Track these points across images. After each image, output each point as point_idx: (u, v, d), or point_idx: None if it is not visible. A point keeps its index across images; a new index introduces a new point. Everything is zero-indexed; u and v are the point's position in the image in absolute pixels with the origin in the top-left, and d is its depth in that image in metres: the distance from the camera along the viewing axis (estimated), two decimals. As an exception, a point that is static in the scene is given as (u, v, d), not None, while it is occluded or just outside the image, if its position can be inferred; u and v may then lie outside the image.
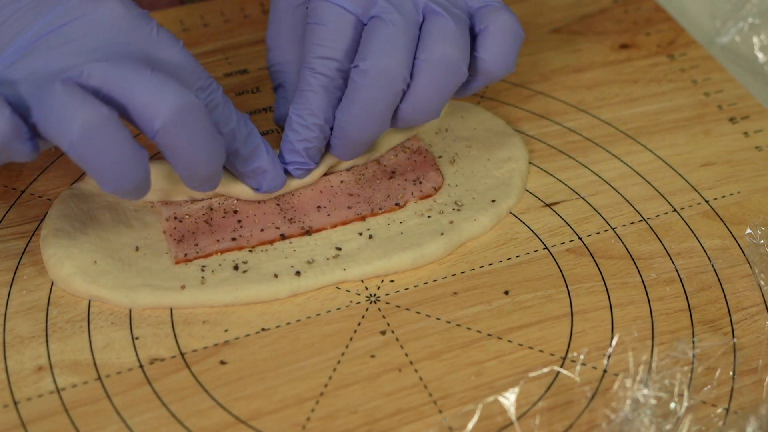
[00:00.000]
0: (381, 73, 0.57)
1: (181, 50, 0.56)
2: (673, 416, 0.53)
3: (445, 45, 0.58)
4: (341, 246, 0.60)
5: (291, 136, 0.60)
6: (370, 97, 0.58)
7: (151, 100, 0.52)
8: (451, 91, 0.59)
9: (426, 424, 0.53)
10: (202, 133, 0.53)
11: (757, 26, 0.78)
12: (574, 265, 0.61)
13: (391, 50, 0.57)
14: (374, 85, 0.57)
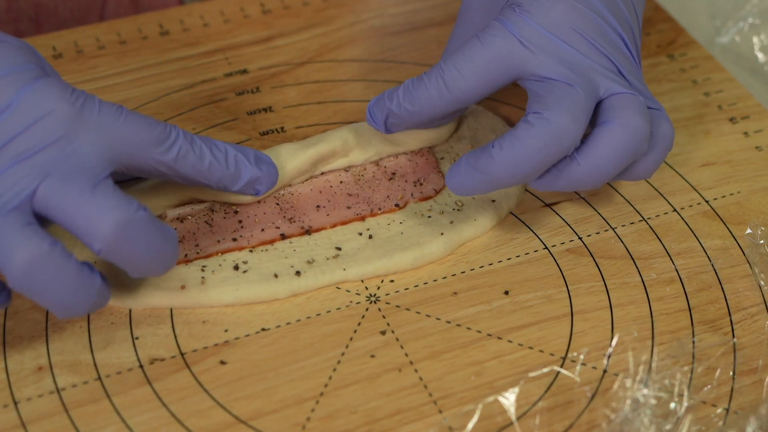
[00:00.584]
0: (559, 128, 0.55)
1: (126, 119, 0.54)
2: (673, 416, 0.53)
3: (634, 114, 0.56)
4: (341, 246, 0.60)
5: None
6: (537, 144, 0.55)
7: (91, 223, 0.51)
8: (629, 159, 0.57)
9: (426, 424, 0.53)
10: (146, 243, 0.52)
11: (757, 26, 0.78)
12: (574, 265, 0.61)
13: (574, 110, 0.55)
14: (546, 134, 0.55)
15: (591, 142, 0.56)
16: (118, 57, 0.72)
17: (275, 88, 0.71)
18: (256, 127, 0.68)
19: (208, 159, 0.57)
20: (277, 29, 0.75)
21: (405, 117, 0.59)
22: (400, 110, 0.59)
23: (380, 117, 0.60)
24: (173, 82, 0.71)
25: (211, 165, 0.57)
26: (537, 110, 0.56)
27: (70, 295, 0.51)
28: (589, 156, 0.56)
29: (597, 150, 0.56)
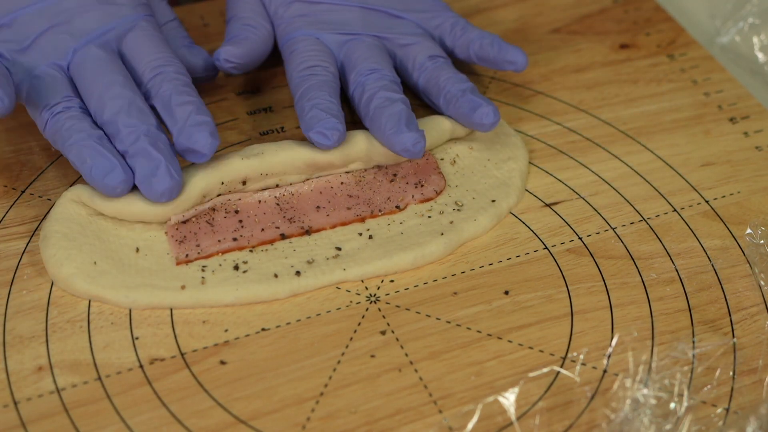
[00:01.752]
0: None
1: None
2: (673, 416, 0.53)
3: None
4: (341, 246, 0.60)
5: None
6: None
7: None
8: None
9: (426, 424, 0.53)
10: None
11: (757, 26, 0.78)
12: (574, 265, 0.61)
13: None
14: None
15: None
16: (118, 57, 0.72)
17: (275, 88, 0.71)
18: (256, 127, 0.68)
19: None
20: (277, 29, 0.75)
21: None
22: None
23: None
24: (173, 82, 0.71)
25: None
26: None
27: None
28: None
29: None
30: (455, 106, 0.64)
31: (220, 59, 0.66)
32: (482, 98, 0.64)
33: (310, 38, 0.67)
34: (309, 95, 0.63)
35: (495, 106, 0.63)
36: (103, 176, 0.58)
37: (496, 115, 0.63)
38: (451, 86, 0.65)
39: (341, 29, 0.67)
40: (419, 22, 0.69)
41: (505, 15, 0.77)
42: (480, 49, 0.67)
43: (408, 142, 0.61)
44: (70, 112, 0.60)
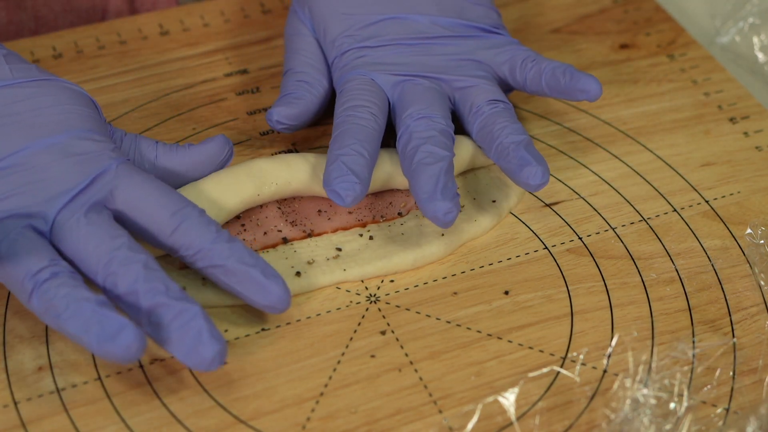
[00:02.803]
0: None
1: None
2: (673, 416, 0.53)
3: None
4: (341, 246, 0.60)
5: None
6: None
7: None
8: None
9: (426, 424, 0.53)
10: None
11: (757, 26, 0.78)
12: (574, 265, 0.61)
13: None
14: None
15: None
16: (118, 57, 0.72)
17: (275, 88, 0.71)
18: (256, 127, 0.68)
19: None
20: (277, 29, 0.75)
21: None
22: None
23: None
24: (173, 82, 0.71)
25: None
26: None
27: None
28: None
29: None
30: (505, 159, 0.60)
31: (273, 120, 0.63)
32: (534, 155, 0.60)
33: (361, 78, 0.64)
34: (340, 142, 0.60)
35: (545, 167, 0.60)
36: (112, 338, 0.50)
37: (545, 176, 0.60)
38: (505, 137, 0.61)
39: (398, 70, 0.64)
40: (485, 59, 0.65)
41: (505, 15, 0.77)
42: (552, 78, 0.64)
43: (439, 211, 0.57)
44: (60, 278, 0.52)
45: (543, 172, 0.59)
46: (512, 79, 0.65)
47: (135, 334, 0.50)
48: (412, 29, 0.66)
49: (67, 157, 0.56)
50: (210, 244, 0.54)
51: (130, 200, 0.55)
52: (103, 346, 0.50)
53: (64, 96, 0.59)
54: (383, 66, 0.64)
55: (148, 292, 0.52)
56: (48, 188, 0.55)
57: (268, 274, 0.54)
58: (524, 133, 0.61)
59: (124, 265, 0.53)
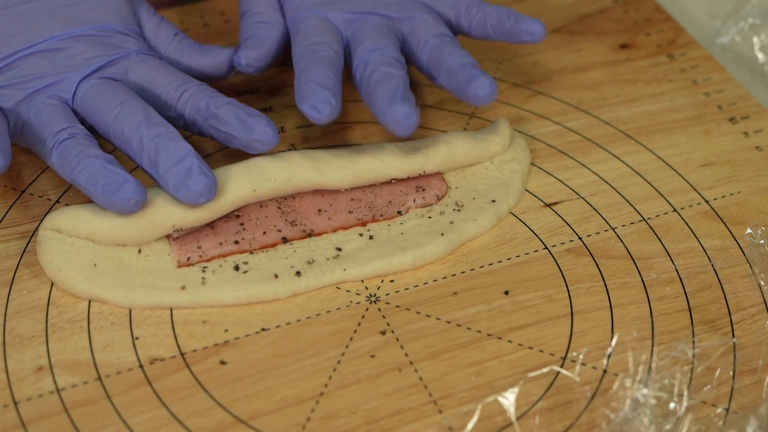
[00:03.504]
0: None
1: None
2: (673, 416, 0.53)
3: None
4: (341, 246, 0.60)
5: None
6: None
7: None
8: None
9: (426, 424, 0.53)
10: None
11: (757, 26, 0.78)
12: (574, 265, 0.61)
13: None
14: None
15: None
16: (118, 57, 0.72)
17: (275, 88, 0.71)
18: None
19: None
20: (277, 29, 0.75)
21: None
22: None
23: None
24: (173, 82, 0.71)
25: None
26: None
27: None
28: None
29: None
30: (453, 79, 0.63)
31: (242, 64, 0.65)
32: (481, 71, 0.62)
33: (316, 16, 0.66)
34: (307, 69, 0.62)
35: (493, 80, 0.61)
36: (115, 190, 0.57)
37: (492, 87, 0.61)
38: (452, 60, 0.63)
39: (349, 8, 0.67)
40: (431, 3, 0.68)
41: (505, 15, 0.76)
42: (497, 21, 0.66)
43: (399, 114, 0.59)
44: (77, 138, 0.59)
45: (490, 83, 0.61)
46: (457, 24, 0.67)
47: (135, 187, 0.57)
48: None
49: (94, 44, 0.63)
50: (205, 104, 0.61)
51: (143, 77, 0.63)
52: (107, 197, 0.57)
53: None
54: (335, 5, 0.67)
55: (148, 134, 0.58)
56: (73, 65, 0.62)
57: (251, 114, 0.60)
58: (470, 57, 0.63)
59: (129, 114, 0.59)
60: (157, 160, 0.58)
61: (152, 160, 0.58)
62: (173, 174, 0.58)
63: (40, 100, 0.61)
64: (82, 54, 0.62)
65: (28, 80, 0.61)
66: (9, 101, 0.61)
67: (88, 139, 0.59)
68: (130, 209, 0.57)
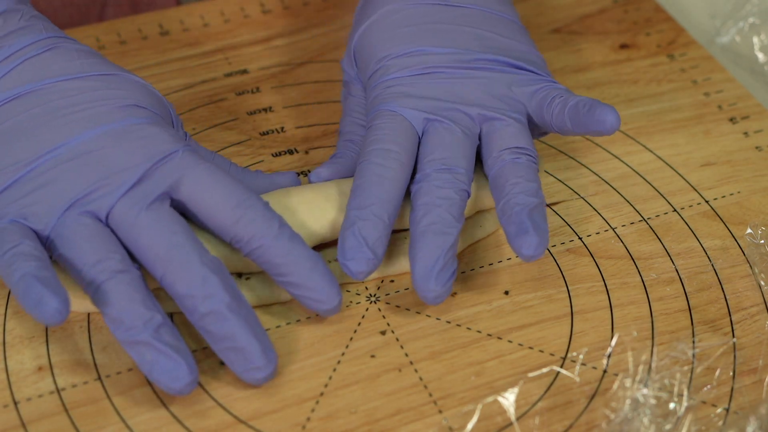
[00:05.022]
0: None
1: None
2: (672, 416, 0.53)
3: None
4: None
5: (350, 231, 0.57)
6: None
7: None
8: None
9: (426, 424, 0.53)
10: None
11: (757, 26, 0.78)
12: (574, 265, 0.61)
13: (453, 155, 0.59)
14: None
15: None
16: (118, 57, 0.72)
17: (275, 88, 0.71)
18: (256, 127, 0.68)
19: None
20: (277, 29, 0.75)
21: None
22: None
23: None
24: (173, 82, 0.71)
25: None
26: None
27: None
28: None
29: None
30: (507, 220, 0.57)
31: (310, 178, 0.61)
32: (536, 222, 0.57)
33: (390, 114, 0.61)
34: (360, 198, 0.57)
35: (543, 238, 0.56)
36: (170, 380, 0.52)
37: (538, 249, 0.56)
38: (513, 196, 0.58)
39: (429, 104, 0.61)
40: (518, 95, 0.62)
41: (505, 15, 0.76)
42: (573, 110, 0.60)
43: (429, 294, 0.56)
44: (123, 276, 0.53)
45: (538, 243, 0.56)
46: (539, 117, 0.61)
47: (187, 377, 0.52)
48: (446, 59, 0.63)
49: (127, 141, 0.56)
50: (271, 240, 0.54)
51: (196, 190, 0.55)
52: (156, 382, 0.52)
53: (131, 89, 0.59)
54: (413, 100, 0.61)
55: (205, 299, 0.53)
56: (105, 174, 0.55)
57: (323, 275, 0.55)
58: (535, 196, 0.58)
59: (182, 266, 0.53)
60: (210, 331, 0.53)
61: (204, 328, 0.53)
62: (229, 360, 0.53)
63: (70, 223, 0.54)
64: (115, 161, 0.55)
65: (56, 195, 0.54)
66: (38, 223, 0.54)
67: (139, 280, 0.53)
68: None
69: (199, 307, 0.52)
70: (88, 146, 0.55)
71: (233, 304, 0.53)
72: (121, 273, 0.53)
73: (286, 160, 0.66)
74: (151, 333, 0.52)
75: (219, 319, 0.52)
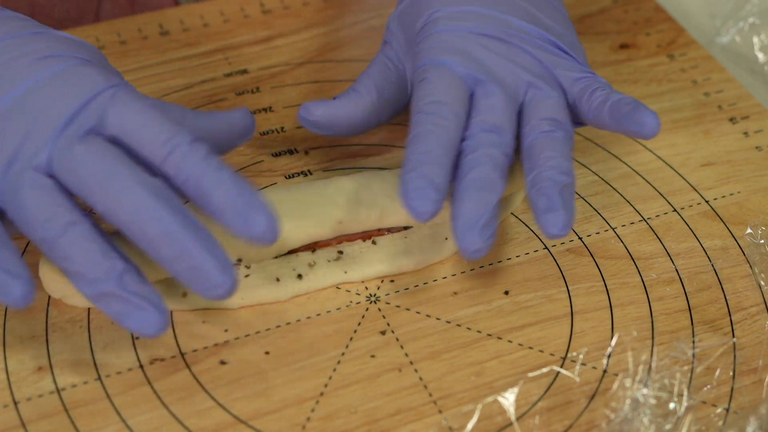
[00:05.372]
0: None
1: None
2: (673, 416, 0.53)
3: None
4: (342, 249, 0.60)
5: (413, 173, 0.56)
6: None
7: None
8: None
9: (426, 424, 0.53)
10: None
11: (757, 26, 0.78)
12: (574, 265, 0.61)
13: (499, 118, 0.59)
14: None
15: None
16: (118, 57, 0.72)
17: (275, 88, 0.71)
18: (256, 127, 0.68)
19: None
20: (277, 29, 0.75)
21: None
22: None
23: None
24: (173, 82, 0.71)
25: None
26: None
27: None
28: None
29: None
30: (536, 194, 0.56)
31: (300, 113, 0.61)
32: (565, 201, 0.56)
33: (443, 69, 0.60)
34: (420, 144, 0.56)
35: (570, 217, 0.55)
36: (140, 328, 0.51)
37: (565, 228, 0.55)
38: (546, 170, 0.57)
39: (477, 66, 0.60)
40: (562, 77, 0.62)
41: (505, 15, 0.76)
42: (616, 105, 0.59)
43: (470, 246, 0.54)
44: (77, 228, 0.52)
45: (565, 223, 0.55)
46: (578, 105, 0.61)
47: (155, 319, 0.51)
48: (498, 24, 0.62)
49: (55, 86, 0.54)
50: (197, 172, 0.52)
51: (122, 124, 0.53)
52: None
53: (64, 44, 0.57)
54: (464, 57, 0.60)
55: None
56: (35, 122, 0.53)
57: (253, 205, 0.51)
58: (568, 175, 0.57)
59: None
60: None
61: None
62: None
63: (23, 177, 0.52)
64: (46, 101, 0.54)
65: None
66: None
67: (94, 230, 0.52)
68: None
69: (147, 231, 0.50)
70: (17, 102, 0.54)
71: (181, 222, 0.51)
72: (72, 225, 0.51)
73: (286, 160, 0.66)
74: (115, 282, 0.51)
75: (169, 240, 0.50)
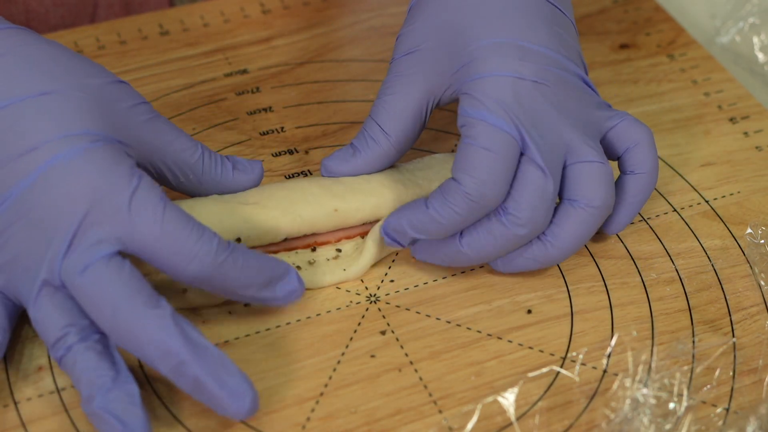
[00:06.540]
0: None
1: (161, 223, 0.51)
2: (672, 416, 0.53)
3: (599, 190, 0.57)
4: (341, 247, 0.60)
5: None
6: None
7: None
8: (596, 229, 0.59)
9: (426, 424, 0.53)
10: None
11: (757, 26, 0.78)
12: (574, 265, 0.61)
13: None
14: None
15: (559, 222, 0.57)
16: (118, 57, 0.72)
17: (275, 88, 0.71)
18: (256, 127, 0.68)
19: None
20: (277, 29, 0.75)
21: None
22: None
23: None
24: (173, 82, 0.71)
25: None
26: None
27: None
28: (559, 237, 0.57)
29: (565, 231, 0.57)
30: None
31: (322, 173, 0.60)
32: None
33: (493, 129, 0.55)
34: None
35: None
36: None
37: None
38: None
39: (526, 133, 0.56)
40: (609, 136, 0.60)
41: (505, 15, 0.76)
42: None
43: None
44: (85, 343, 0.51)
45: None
46: (609, 148, 0.60)
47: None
48: (541, 63, 0.57)
49: (56, 187, 0.51)
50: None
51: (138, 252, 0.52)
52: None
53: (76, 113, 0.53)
54: (517, 118, 0.56)
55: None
56: (45, 234, 0.51)
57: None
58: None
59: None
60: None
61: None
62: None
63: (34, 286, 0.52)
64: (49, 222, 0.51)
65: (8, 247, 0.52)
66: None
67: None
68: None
69: (159, 367, 0.50)
70: (23, 202, 0.51)
71: (191, 356, 0.50)
72: (76, 344, 0.51)
73: (286, 160, 0.66)
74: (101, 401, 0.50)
75: (181, 373, 0.50)
